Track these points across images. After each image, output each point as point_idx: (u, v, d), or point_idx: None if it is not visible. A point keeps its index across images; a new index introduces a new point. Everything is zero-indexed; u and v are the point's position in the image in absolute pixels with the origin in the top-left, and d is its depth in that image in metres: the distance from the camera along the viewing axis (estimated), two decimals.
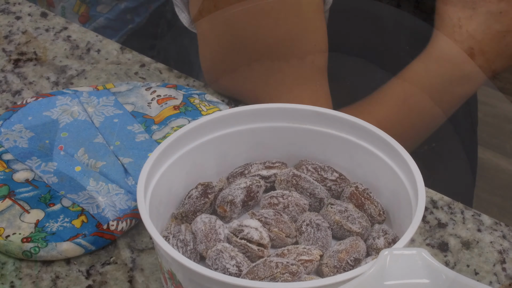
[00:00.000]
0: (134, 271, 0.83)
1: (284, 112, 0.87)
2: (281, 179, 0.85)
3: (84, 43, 1.14)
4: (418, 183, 0.78)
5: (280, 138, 0.88)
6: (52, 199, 0.87)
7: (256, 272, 0.74)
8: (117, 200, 0.87)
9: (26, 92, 1.05)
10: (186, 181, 0.85)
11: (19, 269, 0.83)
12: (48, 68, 1.09)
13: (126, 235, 0.87)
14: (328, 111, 0.86)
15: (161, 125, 0.96)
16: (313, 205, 0.84)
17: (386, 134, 0.83)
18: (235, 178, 0.86)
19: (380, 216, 0.82)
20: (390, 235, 0.80)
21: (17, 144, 0.94)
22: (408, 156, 0.80)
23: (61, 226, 0.84)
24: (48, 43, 1.14)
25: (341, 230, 0.81)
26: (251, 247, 0.77)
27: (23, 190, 0.88)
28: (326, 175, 0.85)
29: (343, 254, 0.77)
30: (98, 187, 0.88)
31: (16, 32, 1.16)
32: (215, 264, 0.76)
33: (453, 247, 0.87)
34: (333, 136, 0.86)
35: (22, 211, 0.86)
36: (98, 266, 0.84)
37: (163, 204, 0.82)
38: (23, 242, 0.83)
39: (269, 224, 0.79)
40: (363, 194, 0.83)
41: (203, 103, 0.99)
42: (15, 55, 1.11)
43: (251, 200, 0.84)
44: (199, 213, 0.82)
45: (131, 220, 0.86)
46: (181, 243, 0.78)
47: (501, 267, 0.85)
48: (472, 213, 0.90)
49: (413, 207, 0.77)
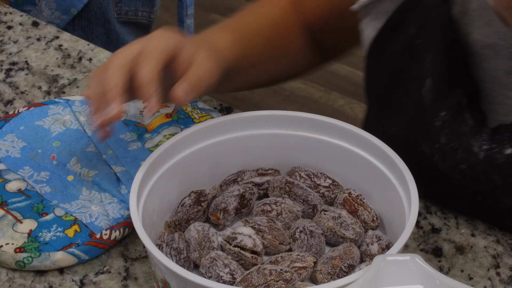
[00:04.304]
0: (128, 280, 0.83)
1: (276, 119, 0.87)
2: (274, 186, 0.85)
3: (75, 52, 1.14)
4: (411, 188, 0.78)
5: (272, 145, 0.88)
6: (45, 209, 0.87)
7: (250, 279, 0.74)
8: (110, 209, 0.87)
9: (18, 101, 1.05)
10: (179, 189, 0.85)
11: (12, 279, 0.83)
12: (40, 77, 1.09)
13: (119, 244, 0.86)
14: (321, 118, 0.86)
15: (153, 133, 0.96)
16: (306, 211, 0.84)
17: (379, 140, 0.83)
18: (228, 185, 0.86)
19: (373, 222, 0.82)
20: (384, 241, 0.80)
21: (9, 154, 0.93)
22: (401, 162, 0.80)
23: (54, 235, 0.84)
24: (39, 52, 1.13)
25: (334, 236, 0.81)
26: (245, 255, 0.77)
27: (15, 200, 0.88)
28: (319, 181, 0.85)
29: (337, 261, 0.77)
30: (91, 196, 0.88)
31: (8, 41, 1.16)
32: (208, 272, 0.76)
33: (447, 252, 0.87)
34: (326, 143, 0.86)
35: (15, 221, 0.86)
36: (92, 276, 0.83)
37: (156, 212, 0.82)
38: (16, 252, 0.83)
39: (263, 232, 0.79)
40: (356, 200, 0.83)
41: (195, 110, 0.99)
42: (6, 64, 1.11)
43: (244, 208, 0.84)
44: (192, 221, 0.82)
45: (124, 229, 0.86)
46: (175, 251, 0.78)
47: (495, 272, 0.85)
48: (465, 218, 0.90)
49: (407, 213, 0.77)
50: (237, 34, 0.91)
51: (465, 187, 0.88)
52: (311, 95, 2.54)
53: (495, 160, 0.85)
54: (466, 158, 0.86)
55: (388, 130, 0.93)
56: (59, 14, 1.45)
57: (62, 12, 1.45)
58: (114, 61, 0.80)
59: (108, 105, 0.78)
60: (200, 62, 0.82)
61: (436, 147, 0.87)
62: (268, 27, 0.97)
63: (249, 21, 0.96)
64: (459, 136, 0.86)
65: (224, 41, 0.89)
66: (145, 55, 0.80)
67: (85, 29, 1.47)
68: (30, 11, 1.43)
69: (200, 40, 0.88)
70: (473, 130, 0.86)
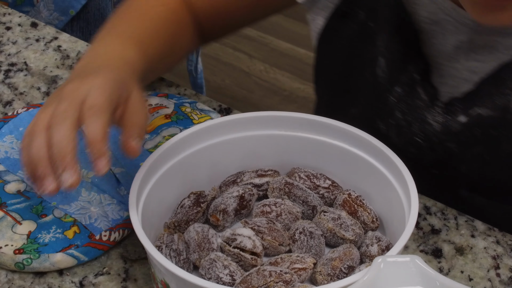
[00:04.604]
0: (127, 281, 0.83)
1: (276, 120, 0.87)
2: (273, 187, 0.85)
3: (74, 52, 1.14)
4: (411, 189, 0.78)
5: (272, 146, 0.88)
6: (44, 210, 0.87)
7: (249, 281, 0.74)
8: (109, 210, 0.87)
9: (17, 102, 1.05)
10: (178, 190, 0.85)
11: (11, 281, 0.83)
12: (39, 78, 1.09)
13: (118, 246, 0.86)
14: (320, 119, 0.86)
15: (152, 134, 0.96)
16: (306, 213, 0.84)
17: (379, 141, 0.83)
18: (228, 186, 0.86)
19: (373, 223, 0.82)
20: (384, 242, 0.79)
21: (8, 155, 0.93)
22: (400, 163, 0.80)
23: (53, 237, 0.84)
24: (38, 53, 1.13)
25: (334, 237, 0.81)
26: (244, 256, 0.77)
27: (15, 202, 0.88)
28: (319, 182, 0.85)
29: (336, 262, 0.77)
30: (90, 198, 0.88)
31: (6, 42, 1.15)
32: (208, 273, 0.76)
33: (447, 253, 0.86)
34: (326, 144, 0.86)
35: (14, 223, 0.85)
36: (91, 277, 0.83)
37: (156, 213, 0.82)
38: (15, 253, 0.83)
39: (262, 233, 0.79)
40: (356, 201, 0.83)
41: (194, 111, 0.99)
42: (5, 65, 1.11)
43: (244, 209, 0.84)
44: (191, 222, 0.82)
45: (124, 230, 0.86)
46: (174, 252, 0.78)
47: (495, 273, 0.85)
48: (465, 219, 0.90)
49: (406, 214, 0.77)
50: (141, 45, 0.91)
51: (421, 160, 0.91)
52: (311, 96, 2.53)
53: (450, 128, 0.89)
54: (422, 130, 0.90)
55: (346, 113, 0.97)
56: (57, 15, 1.45)
57: (60, 13, 1.45)
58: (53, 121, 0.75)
59: (64, 171, 0.72)
60: (134, 99, 0.79)
61: (391, 123, 0.92)
62: (164, 28, 0.98)
63: (146, 27, 0.95)
64: (413, 110, 0.91)
65: (133, 55, 0.88)
66: (92, 112, 0.74)
67: (84, 30, 1.47)
68: (28, 12, 1.43)
69: (125, 70, 0.84)
70: (427, 104, 0.90)
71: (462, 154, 0.91)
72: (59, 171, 0.73)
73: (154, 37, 0.94)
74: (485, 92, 0.88)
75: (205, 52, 2.57)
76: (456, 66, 0.89)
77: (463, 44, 0.88)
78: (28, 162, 0.76)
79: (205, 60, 2.55)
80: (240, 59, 2.63)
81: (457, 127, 0.90)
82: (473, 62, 0.88)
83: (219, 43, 2.57)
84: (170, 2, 1.00)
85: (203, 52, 2.58)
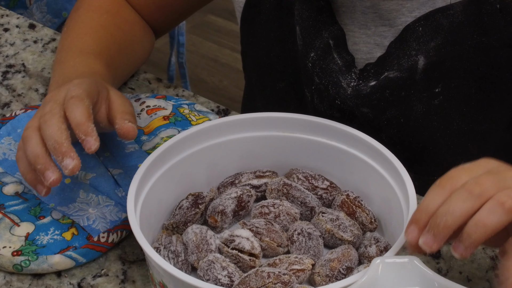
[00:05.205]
0: (126, 283, 0.83)
1: (274, 121, 0.87)
2: (271, 188, 0.85)
3: None
4: (409, 190, 0.78)
5: (270, 147, 0.88)
6: (42, 212, 0.87)
7: (248, 282, 0.74)
8: (107, 211, 0.87)
9: (15, 104, 1.05)
10: (176, 191, 0.85)
11: (9, 282, 0.83)
12: (37, 79, 1.09)
13: (117, 247, 0.86)
14: (318, 120, 0.86)
15: (150, 135, 0.96)
16: (304, 214, 0.84)
17: (377, 142, 0.83)
18: (226, 188, 0.86)
19: (371, 224, 0.82)
20: (382, 243, 0.79)
21: (6, 157, 0.93)
22: (398, 164, 0.80)
23: (51, 238, 0.84)
24: (36, 54, 1.13)
25: (332, 238, 0.81)
26: (243, 257, 0.77)
27: (13, 203, 0.88)
28: (317, 183, 0.85)
29: (335, 263, 0.77)
30: (88, 199, 0.88)
31: (4, 44, 1.15)
32: (206, 275, 0.76)
33: (445, 254, 0.86)
34: (324, 145, 0.86)
35: (12, 224, 0.85)
36: (89, 279, 0.83)
37: (154, 215, 0.82)
38: (13, 255, 0.83)
39: (261, 234, 0.79)
40: (354, 202, 0.83)
41: (192, 113, 0.99)
42: (3, 67, 1.11)
43: (242, 210, 0.84)
44: (190, 223, 0.82)
45: (122, 231, 0.86)
46: (172, 254, 0.78)
47: (494, 274, 0.84)
48: None
49: (405, 214, 0.77)
50: (101, 57, 0.97)
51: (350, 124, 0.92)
52: None
53: (361, 92, 0.92)
54: (338, 94, 0.93)
55: (275, 89, 1.02)
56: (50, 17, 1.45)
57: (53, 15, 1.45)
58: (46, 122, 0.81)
59: (64, 158, 0.78)
60: (115, 95, 0.86)
61: (313, 88, 0.95)
62: (116, 34, 1.03)
63: (99, 37, 1.01)
64: (328, 74, 0.93)
65: (99, 68, 0.95)
66: (73, 100, 0.81)
67: None
68: (22, 14, 1.43)
69: (96, 78, 0.91)
70: (342, 69, 0.93)
71: (378, 120, 0.93)
72: (58, 159, 0.79)
73: (111, 45, 1.00)
74: (393, 55, 0.91)
75: (203, 53, 2.57)
76: (367, 32, 0.93)
77: (369, 10, 0.91)
78: (26, 166, 0.82)
79: (203, 61, 2.55)
80: (238, 60, 2.63)
81: (367, 89, 0.91)
82: (381, 28, 0.92)
83: (217, 44, 2.57)
84: (112, 8, 1.05)
85: (201, 53, 2.58)
